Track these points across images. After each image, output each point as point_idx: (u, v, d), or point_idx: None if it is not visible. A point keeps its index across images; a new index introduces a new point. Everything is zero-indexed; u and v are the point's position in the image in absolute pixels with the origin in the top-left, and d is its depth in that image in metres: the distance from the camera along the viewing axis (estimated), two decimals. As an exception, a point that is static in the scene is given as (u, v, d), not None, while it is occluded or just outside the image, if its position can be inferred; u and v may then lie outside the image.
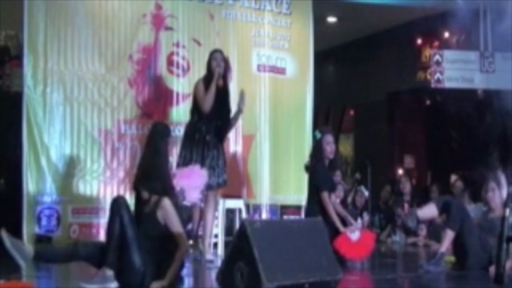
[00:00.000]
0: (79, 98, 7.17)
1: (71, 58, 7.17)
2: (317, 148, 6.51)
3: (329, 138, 6.46)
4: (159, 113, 7.51)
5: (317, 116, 10.07)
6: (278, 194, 8.36)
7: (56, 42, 7.09)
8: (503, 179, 8.31)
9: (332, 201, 6.41)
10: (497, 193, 6.16)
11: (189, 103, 7.55)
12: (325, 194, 6.26)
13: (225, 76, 6.43)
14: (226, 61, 6.49)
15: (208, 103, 6.26)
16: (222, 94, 6.38)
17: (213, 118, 6.33)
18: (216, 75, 6.32)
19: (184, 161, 6.27)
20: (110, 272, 4.54)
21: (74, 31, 7.19)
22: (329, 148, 6.42)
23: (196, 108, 6.40)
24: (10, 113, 7.46)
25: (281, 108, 8.50)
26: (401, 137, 12.03)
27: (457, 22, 8.72)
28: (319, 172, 6.38)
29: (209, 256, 6.27)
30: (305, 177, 6.70)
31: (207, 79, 6.39)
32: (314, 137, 6.68)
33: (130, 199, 6.88)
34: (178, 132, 7.25)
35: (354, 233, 6.16)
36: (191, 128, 6.39)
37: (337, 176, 8.26)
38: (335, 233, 6.03)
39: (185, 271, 5.44)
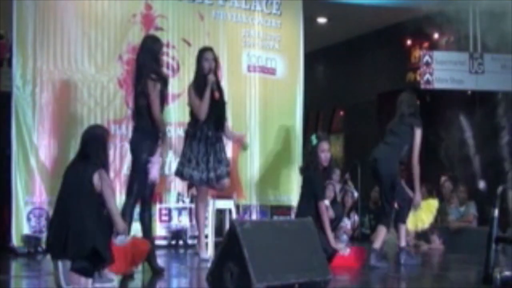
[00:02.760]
0: (69, 98, 7.14)
1: (61, 58, 7.13)
2: (312, 155, 6.48)
3: (325, 145, 6.44)
4: (149, 114, 7.48)
5: (307, 117, 10.06)
6: (268, 194, 8.34)
7: (46, 42, 7.05)
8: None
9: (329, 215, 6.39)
10: None
11: (178, 103, 7.58)
12: (322, 204, 6.26)
13: (219, 86, 6.38)
14: (216, 60, 6.44)
15: (203, 113, 6.25)
16: (218, 103, 6.34)
17: (212, 114, 6.30)
18: (210, 84, 6.24)
19: (186, 160, 6.29)
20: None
21: (63, 31, 7.15)
22: (323, 156, 6.40)
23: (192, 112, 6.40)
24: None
25: (271, 108, 8.49)
26: (391, 138, 12.03)
27: (446, 23, 8.75)
28: (316, 181, 6.36)
29: (203, 254, 6.34)
30: (295, 178, 6.70)
31: (199, 85, 6.30)
32: (310, 141, 6.65)
33: (120, 200, 6.93)
34: (168, 132, 7.20)
35: (345, 250, 6.22)
36: (192, 128, 6.37)
37: (336, 176, 8.31)
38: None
39: (175, 271, 5.44)
